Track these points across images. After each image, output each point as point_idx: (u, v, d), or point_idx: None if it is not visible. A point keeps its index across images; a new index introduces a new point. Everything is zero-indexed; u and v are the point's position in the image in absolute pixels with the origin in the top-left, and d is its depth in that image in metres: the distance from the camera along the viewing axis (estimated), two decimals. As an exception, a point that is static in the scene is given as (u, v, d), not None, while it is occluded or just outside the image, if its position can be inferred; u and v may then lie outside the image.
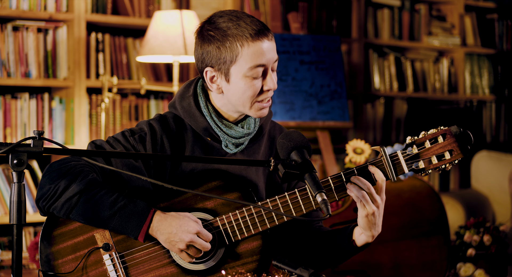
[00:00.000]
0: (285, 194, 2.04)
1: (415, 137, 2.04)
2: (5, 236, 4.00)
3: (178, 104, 2.17)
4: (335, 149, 4.71)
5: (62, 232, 2.05)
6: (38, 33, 4.04)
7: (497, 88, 6.07)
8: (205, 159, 2.03)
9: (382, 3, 5.43)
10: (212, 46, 2.06)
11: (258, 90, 2.08)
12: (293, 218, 2.02)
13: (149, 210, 2.00)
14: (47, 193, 2.00)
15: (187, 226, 1.98)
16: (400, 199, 3.44)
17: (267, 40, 2.06)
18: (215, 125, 2.13)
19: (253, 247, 2.06)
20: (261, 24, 2.07)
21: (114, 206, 1.98)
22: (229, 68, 2.06)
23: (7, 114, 3.97)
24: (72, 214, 2.00)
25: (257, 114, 2.12)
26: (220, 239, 2.05)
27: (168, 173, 2.12)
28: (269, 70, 2.08)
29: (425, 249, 3.40)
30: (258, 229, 2.04)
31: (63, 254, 2.04)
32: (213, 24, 2.08)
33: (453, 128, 2.03)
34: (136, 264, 2.04)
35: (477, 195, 5.26)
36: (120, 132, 2.14)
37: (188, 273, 2.04)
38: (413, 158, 2.03)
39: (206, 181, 2.08)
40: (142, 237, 1.99)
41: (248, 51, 2.04)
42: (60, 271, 2.04)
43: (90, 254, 2.04)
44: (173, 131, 2.15)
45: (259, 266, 2.05)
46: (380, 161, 2.03)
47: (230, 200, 1.97)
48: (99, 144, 2.10)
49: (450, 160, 2.02)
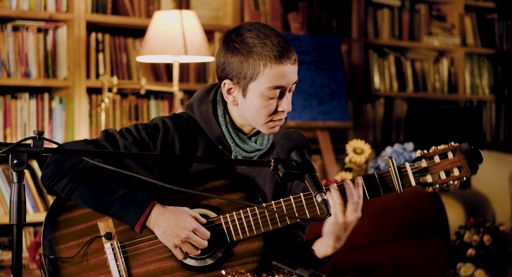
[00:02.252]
0: (290, 198, 2.05)
1: (425, 151, 2.05)
2: (5, 236, 4.00)
3: (196, 107, 2.18)
4: (335, 149, 4.71)
5: (66, 218, 2.07)
6: (38, 33, 4.04)
7: (497, 88, 6.07)
8: (206, 159, 2.05)
9: (382, 3, 5.43)
10: (235, 59, 2.07)
11: (272, 110, 2.09)
12: (294, 218, 2.03)
13: (149, 202, 2.01)
14: (52, 172, 2.03)
15: (184, 222, 1.99)
16: (400, 199, 3.44)
17: (290, 64, 2.07)
18: (229, 136, 2.14)
19: (254, 248, 2.07)
20: (287, 47, 2.07)
21: (115, 193, 2.00)
22: (248, 84, 2.07)
23: (7, 114, 3.97)
24: (73, 195, 2.03)
25: (268, 131, 2.13)
26: (221, 237, 2.05)
27: (175, 173, 2.13)
28: (286, 92, 2.10)
29: (425, 249, 3.40)
30: (261, 230, 2.05)
31: (66, 239, 2.06)
32: (240, 36, 2.08)
33: (464, 145, 2.04)
34: (137, 255, 2.05)
35: (477, 195, 5.26)
36: (133, 124, 2.15)
37: (187, 268, 2.05)
38: (421, 171, 2.04)
39: (212, 179, 2.09)
40: (138, 227, 2.01)
41: (270, 71, 2.05)
42: (61, 256, 2.05)
43: (92, 242, 2.05)
44: (185, 131, 2.16)
45: (258, 267, 2.06)
46: (388, 172, 2.04)
47: (230, 200, 1.98)
48: (111, 132, 2.12)
49: (458, 177, 2.02)
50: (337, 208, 2.01)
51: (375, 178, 2.05)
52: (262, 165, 1.96)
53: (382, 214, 3.37)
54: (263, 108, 2.08)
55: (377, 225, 3.35)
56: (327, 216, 1.87)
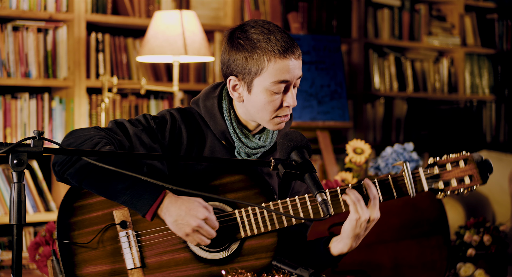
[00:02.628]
0: (304, 196, 2.07)
1: (437, 159, 2.11)
2: (5, 236, 4.00)
3: (201, 102, 2.20)
4: (335, 149, 4.71)
5: (82, 204, 2.07)
6: (38, 33, 4.04)
7: (497, 88, 6.07)
8: (206, 159, 2.06)
9: (382, 3, 5.43)
10: (239, 55, 2.09)
11: (277, 106, 2.11)
12: (294, 218, 2.04)
13: (161, 190, 2.00)
14: (63, 158, 2.02)
15: (196, 211, 1.99)
16: (400, 199, 3.43)
17: (294, 59, 2.09)
18: (233, 131, 2.15)
19: (268, 244, 2.07)
20: (291, 42, 2.09)
21: (126, 181, 1.99)
22: (253, 80, 2.09)
23: (7, 114, 3.97)
24: (84, 182, 2.01)
25: (274, 127, 2.15)
26: (236, 231, 2.06)
27: (185, 166, 2.14)
28: (291, 87, 2.11)
29: (425, 249, 3.40)
30: (275, 226, 2.06)
31: (80, 226, 2.06)
32: (245, 32, 2.10)
33: (475, 155, 2.10)
34: (151, 245, 2.05)
35: (477, 195, 5.26)
36: (141, 115, 2.17)
37: (201, 260, 2.05)
38: (434, 178, 2.09)
39: (228, 173, 2.10)
40: (150, 215, 1.99)
41: (274, 66, 2.07)
42: (76, 242, 2.05)
43: (107, 229, 2.05)
44: (192, 123, 2.17)
45: (271, 262, 2.07)
46: (401, 176, 2.08)
47: (229, 199, 1.98)
48: (120, 121, 2.14)
49: (469, 185, 2.08)
50: (360, 203, 2.03)
51: (389, 180, 2.08)
52: (262, 165, 1.97)
53: (382, 214, 3.37)
54: (269, 104, 2.09)
55: (377, 225, 3.34)
56: (327, 216, 1.87)
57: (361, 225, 2.04)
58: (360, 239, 2.08)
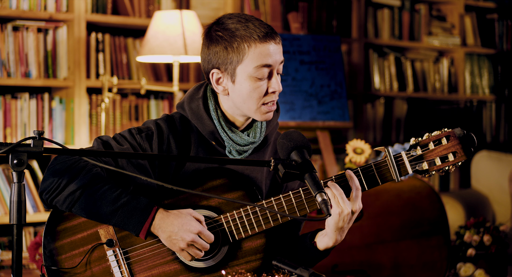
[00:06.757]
0: (289, 193, 2.05)
1: (419, 139, 2.06)
2: (5, 236, 4.00)
3: (186, 105, 2.18)
4: (335, 149, 4.71)
5: (65, 227, 2.06)
6: (38, 33, 4.04)
7: (497, 88, 6.07)
8: (206, 159, 2.05)
9: (382, 3, 5.43)
10: (219, 47, 2.08)
11: (263, 92, 2.09)
12: (294, 218, 2.03)
13: (152, 207, 2.00)
14: (51, 186, 2.01)
15: (189, 225, 1.98)
16: (400, 199, 3.44)
17: (275, 43, 2.08)
18: (222, 130, 2.14)
19: (257, 245, 2.07)
20: (269, 28, 2.09)
21: (117, 202, 1.99)
22: (235, 68, 2.07)
23: (7, 114, 3.97)
24: (74, 208, 2.01)
25: (262, 117, 2.12)
26: (224, 237, 2.05)
27: (172, 173, 2.13)
28: (274, 71, 2.10)
29: (425, 249, 3.41)
30: (262, 227, 2.05)
31: (67, 249, 2.05)
32: (222, 24, 2.10)
33: (457, 130, 2.05)
34: (140, 260, 2.04)
35: (477, 195, 5.26)
36: (126, 129, 2.14)
37: (191, 270, 2.04)
38: (417, 159, 2.05)
39: (210, 179, 2.09)
40: (143, 234, 1.99)
41: (255, 51, 2.06)
42: (64, 266, 2.04)
43: (94, 249, 2.04)
44: (179, 131, 2.15)
45: (262, 264, 2.06)
46: (384, 162, 2.05)
47: (229, 199, 1.97)
48: (105, 140, 2.11)
49: (453, 162, 2.03)
50: (342, 196, 2.00)
51: (372, 168, 2.05)
52: (262, 165, 1.96)
53: (382, 214, 3.37)
54: (254, 91, 2.08)
55: (377, 225, 3.35)
56: (327, 216, 1.87)
57: (344, 219, 2.00)
58: (345, 232, 2.05)
